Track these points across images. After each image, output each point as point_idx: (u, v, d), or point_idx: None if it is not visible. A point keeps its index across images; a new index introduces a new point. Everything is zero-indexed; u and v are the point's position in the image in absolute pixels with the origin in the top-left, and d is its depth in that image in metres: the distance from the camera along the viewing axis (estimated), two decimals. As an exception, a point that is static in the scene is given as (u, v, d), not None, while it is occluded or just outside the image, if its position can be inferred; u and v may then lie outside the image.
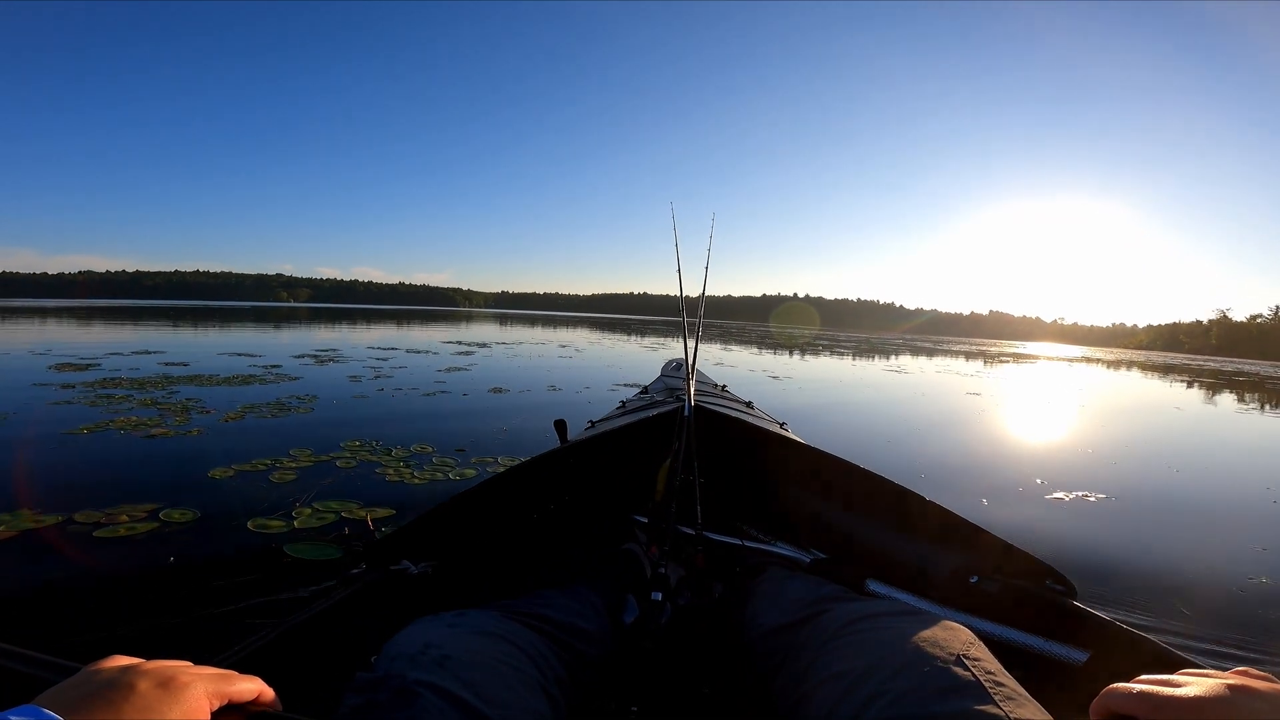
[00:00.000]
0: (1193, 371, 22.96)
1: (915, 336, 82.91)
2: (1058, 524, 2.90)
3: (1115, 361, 30.21)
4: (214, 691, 0.45)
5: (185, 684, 0.43)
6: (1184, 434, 6.69)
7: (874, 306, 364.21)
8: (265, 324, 21.42)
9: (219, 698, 0.46)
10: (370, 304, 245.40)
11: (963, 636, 0.70)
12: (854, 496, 1.39)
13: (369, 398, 5.54)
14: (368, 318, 35.52)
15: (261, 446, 3.48)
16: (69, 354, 8.14)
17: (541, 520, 1.47)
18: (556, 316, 77.73)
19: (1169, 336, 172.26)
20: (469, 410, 5.19)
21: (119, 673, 0.43)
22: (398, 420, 4.57)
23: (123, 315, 24.45)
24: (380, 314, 48.91)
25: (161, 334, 13.99)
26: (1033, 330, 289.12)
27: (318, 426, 4.18)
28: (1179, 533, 2.94)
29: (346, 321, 27.33)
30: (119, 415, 4.21)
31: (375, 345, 12.28)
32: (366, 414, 4.77)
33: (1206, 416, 8.70)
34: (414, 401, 5.45)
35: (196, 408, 4.60)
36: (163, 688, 0.42)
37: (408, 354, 10.44)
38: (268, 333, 15.88)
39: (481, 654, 0.70)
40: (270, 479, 2.87)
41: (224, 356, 8.76)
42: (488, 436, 4.11)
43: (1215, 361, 46.11)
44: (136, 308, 38.09)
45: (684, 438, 1.37)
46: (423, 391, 6.00)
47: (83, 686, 0.41)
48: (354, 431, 3.96)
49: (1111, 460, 4.64)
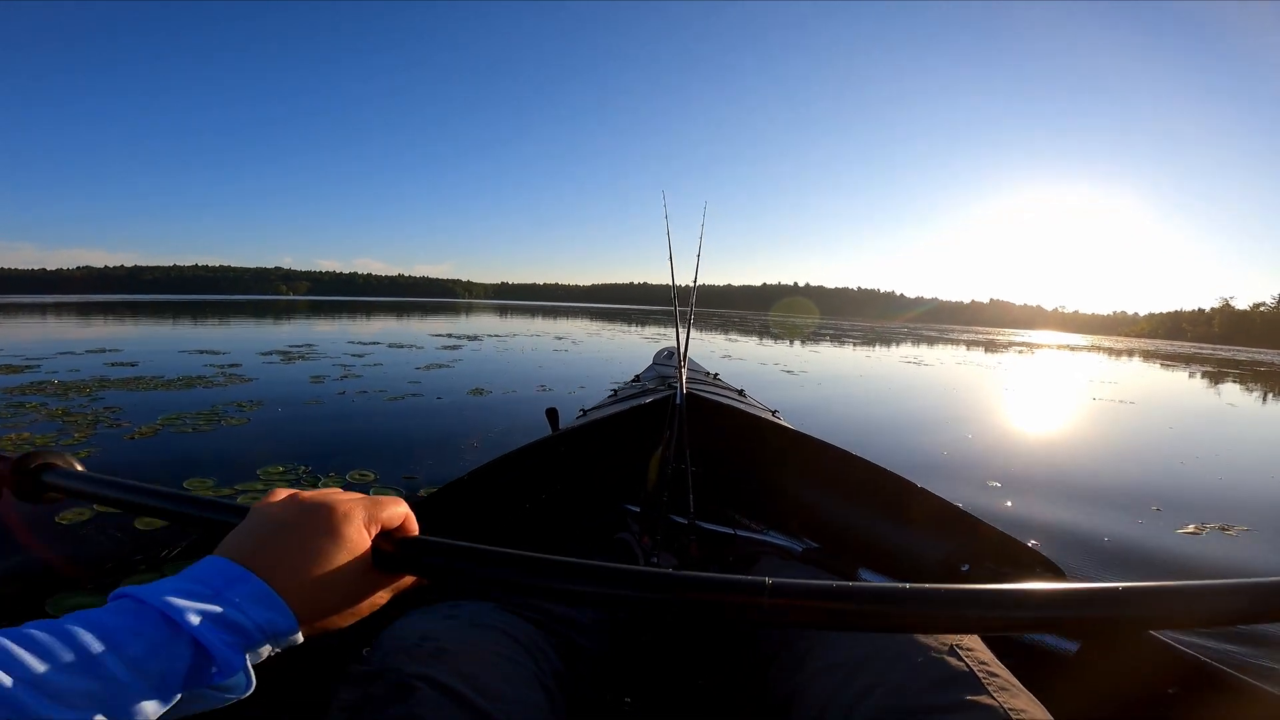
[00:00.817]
0: (1214, 362, 22.02)
1: (919, 325, 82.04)
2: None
3: (1129, 351, 29.28)
4: (370, 517, 0.43)
5: (346, 513, 0.42)
6: (1273, 440, 5.99)
7: (875, 295, 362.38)
8: (254, 318, 20.72)
9: (375, 523, 0.44)
10: (371, 296, 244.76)
11: None
12: (846, 484, 1.37)
13: (324, 404, 4.79)
14: (367, 310, 34.85)
15: (153, 474, 2.74)
16: (14, 355, 7.41)
17: (534, 510, 1.42)
18: (556, 307, 76.87)
19: (1171, 325, 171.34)
20: (438, 419, 4.44)
21: (285, 510, 0.42)
22: (346, 436, 3.84)
23: (109, 310, 23.80)
24: (379, 306, 48.18)
25: (132, 330, 13.26)
26: (1034, 319, 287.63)
27: (243, 444, 3.43)
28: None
29: (343, 314, 26.59)
30: (8, 432, 3.48)
31: (358, 340, 11.49)
32: (311, 427, 4.04)
33: (1269, 417, 8.03)
34: (375, 409, 4.69)
35: (110, 419, 3.86)
36: (329, 519, 0.41)
37: (389, 349, 9.66)
38: (249, 327, 15.13)
39: (478, 646, 0.69)
40: (135, 526, 2.13)
41: (184, 354, 8.02)
42: (453, 455, 3.37)
43: (1226, 350, 45.18)
44: (131, 303, 37.56)
45: (675, 425, 1.38)
46: (390, 395, 5.23)
47: (256, 531, 0.41)
48: (285, 452, 3.21)
49: (1218, 474, 3.94)
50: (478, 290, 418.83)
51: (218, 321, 17.45)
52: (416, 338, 12.60)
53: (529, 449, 1.39)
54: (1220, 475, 3.96)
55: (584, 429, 1.55)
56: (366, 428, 4.09)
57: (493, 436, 3.82)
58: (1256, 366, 20.03)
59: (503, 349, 10.54)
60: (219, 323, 16.79)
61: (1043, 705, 0.59)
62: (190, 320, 17.82)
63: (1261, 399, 9.81)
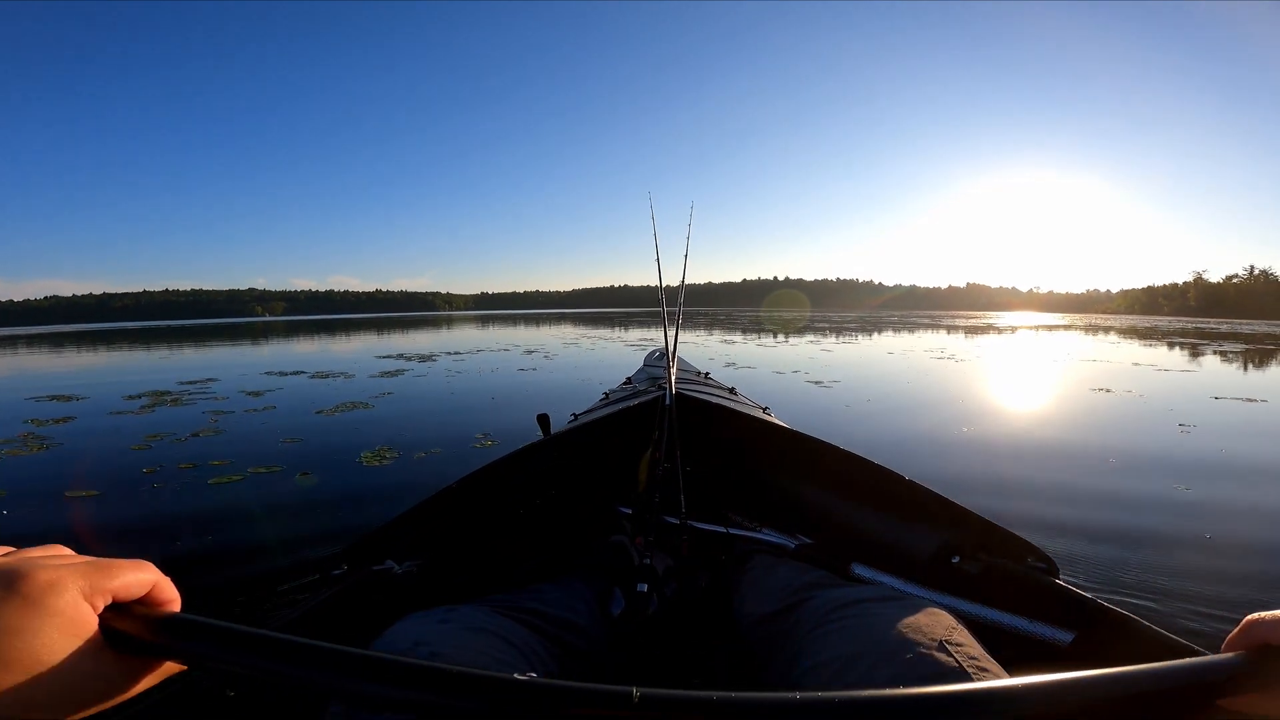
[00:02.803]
0: (1206, 336, 20.46)
1: (906, 312, 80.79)
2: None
3: (1124, 330, 27.87)
4: (93, 586, 0.32)
5: (52, 581, 0.31)
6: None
7: (854, 285, 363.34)
8: (206, 342, 18.64)
9: (102, 593, 0.33)
10: (348, 313, 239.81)
11: (945, 621, 0.70)
12: (838, 479, 1.35)
13: (116, 484, 2.91)
14: (344, 328, 32.81)
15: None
16: None
17: (526, 515, 1.39)
18: (537, 315, 74.29)
19: (1147, 300, 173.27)
20: (280, 523, 2.59)
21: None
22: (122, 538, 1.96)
23: (52, 341, 21.36)
24: (355, 324, 45.63)
25: (27, 363, 11.13)
26: (1010, 300, 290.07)
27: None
28: None
29: (303, 334, 24.40)
30: None
31: (279, 368, 9.44)
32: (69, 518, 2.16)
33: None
34: (188, 496, 2.84)
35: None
36: (22, 585, 0.30)
37: (308, 380, 7.71)
38: (150, 356, 13.07)
39: (473, 650, 0.69)
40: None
41: (30, 402, 6.06)
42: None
43: (1210, 324, 44.27)
44: (90, 331, 34.80)
45: (665, 426, 1.38)
46: (231, 473, 3.35)
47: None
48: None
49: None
50: (457, 302, 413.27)
51: (163, 348, 15.33)
52: (355, 362, 10.63)
53: (520, 454, 1.35)
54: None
55: (575, 433, 1.54)
56: (146, 530, 2.36)
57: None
58: (1251, 339, 18.70)
59: (454, 373, 8.50)
60: (108, 351, 14.61)
61: None
62: (122, 349, 15.65)
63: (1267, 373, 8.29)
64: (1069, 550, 2.25)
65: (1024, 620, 0.92)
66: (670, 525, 1.30)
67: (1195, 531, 2.45)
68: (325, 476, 3.27)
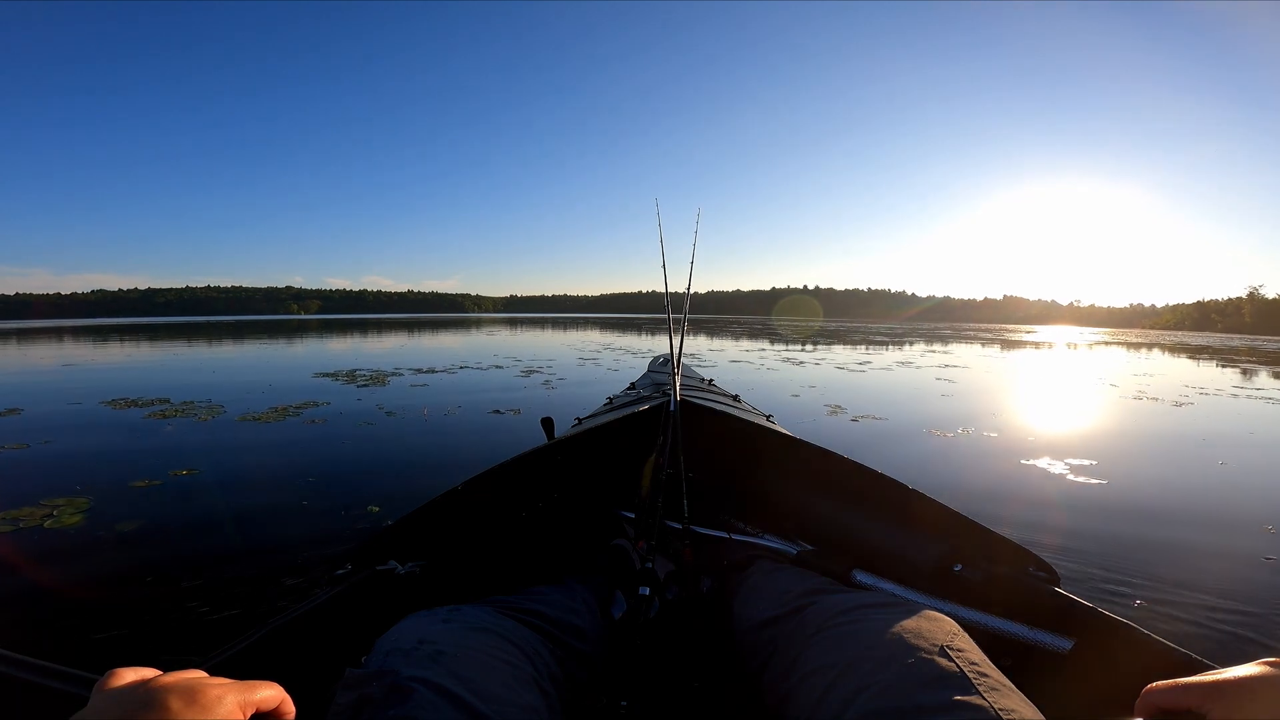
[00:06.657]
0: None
1: (939, 325, 78.06)
2: None
3: (1196, 349, 25.95)
4: (243, 702, 0.42)
5: (217, 698, 0.40)
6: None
7: (885, 295, 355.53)
8: (220, 341, 18.50)
9: (249, 707, 0.43)
10: (380, 313, 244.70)
11: (946, 627, 0.70)
12: (839, 487, 1.36)
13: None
14: (376, 327, 32.75)
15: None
16: None
17: (529, 518, 1.40)
18: (564, 319, 73.81)
19: (1198, 316, 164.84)
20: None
21: (147, 692, 0.39)
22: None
23: (85, 334, 21.61)
24: (387, 323, 45.75)
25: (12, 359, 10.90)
26: (1048, 313, 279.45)
27: None
28: None
29: (306, 335, 24.29)
30: None
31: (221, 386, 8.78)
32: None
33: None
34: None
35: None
36: (196, 704, 0.39)
37: (238, 426, 7.09)
38: (154, 352, 12.75)
39: (476, 649, 0.69)
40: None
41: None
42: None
43: (1274, 342, 41.40)
44: (133, 325, 35.41)
45: (669, 432, 1.37)
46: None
47: (113, 709, 0.38)
48: None
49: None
50: (486, 304, 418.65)
51: (172, 344, 15.18)
52: (250, 387, 10.06)
53: (524, 458, 1.34)
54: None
55: (579, 437, 1.52)
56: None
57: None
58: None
59: (388, 412, 5.40)
60: (161, 349, 14.42)
61: (1034, 705, 0.59)
62: (129, 344, 15.54)
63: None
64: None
65: (1025, 628, 0.93)
66: (672, 530, 1.33)
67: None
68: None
